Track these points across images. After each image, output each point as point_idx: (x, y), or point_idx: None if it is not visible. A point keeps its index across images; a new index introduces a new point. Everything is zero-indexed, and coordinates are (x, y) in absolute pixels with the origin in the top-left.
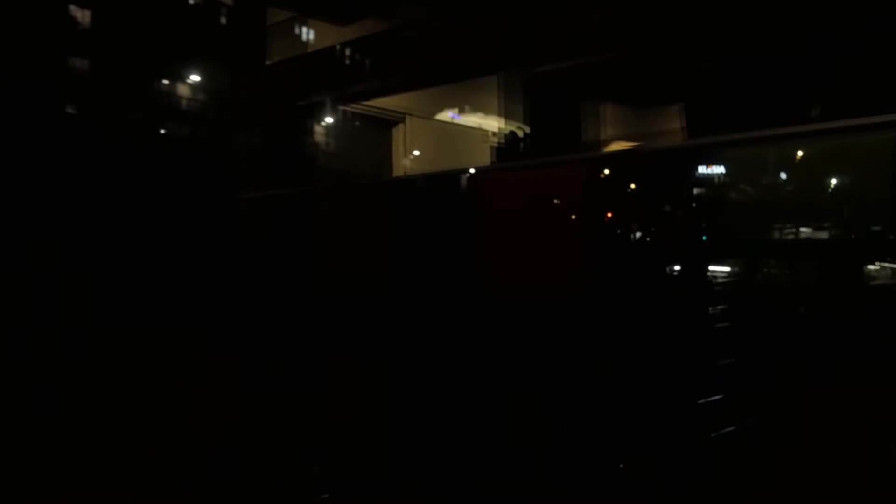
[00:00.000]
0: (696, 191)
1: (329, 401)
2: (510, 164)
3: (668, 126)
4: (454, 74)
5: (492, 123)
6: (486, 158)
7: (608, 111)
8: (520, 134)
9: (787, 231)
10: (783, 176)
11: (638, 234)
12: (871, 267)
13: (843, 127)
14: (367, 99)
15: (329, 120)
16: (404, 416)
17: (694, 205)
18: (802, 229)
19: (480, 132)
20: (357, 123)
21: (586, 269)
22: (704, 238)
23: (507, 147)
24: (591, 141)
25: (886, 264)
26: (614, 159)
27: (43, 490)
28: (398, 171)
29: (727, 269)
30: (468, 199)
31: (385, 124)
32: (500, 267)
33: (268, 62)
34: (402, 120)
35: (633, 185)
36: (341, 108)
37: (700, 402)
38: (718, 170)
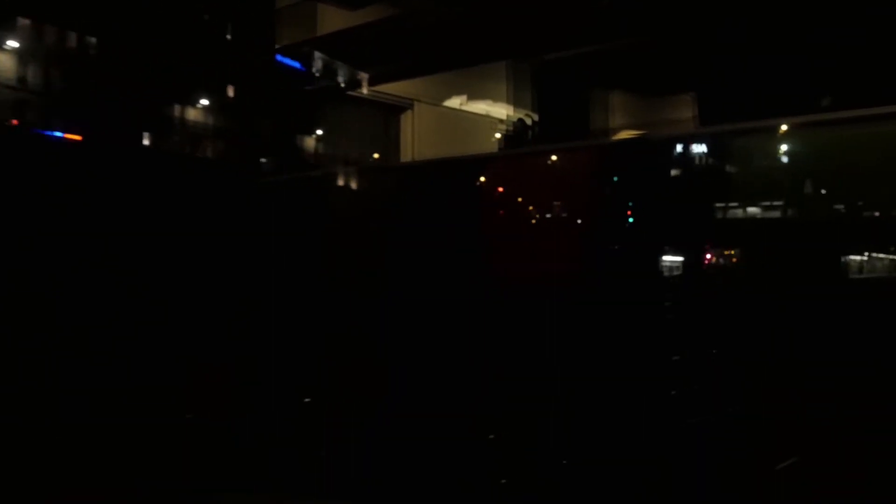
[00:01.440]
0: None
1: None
2: (518, 151)
3: (678, 115)
4: (463, 61)
5: (500, 111)
6: (493, 146)
7: (617, 99)
8: (528, 122)
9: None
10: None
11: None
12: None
13: (852, 117)
14: (376, 84)
15: (337, 105)
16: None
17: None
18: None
19: (489, 119)
20: (365, 109)
21: (593, 257)
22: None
23: (515, 134)
24: (600, 129)
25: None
26: (623, 147)
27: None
28: (406, 157)
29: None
30: (475, 185)
31: (393, 110)
32: (506, 253)
33: (277, 46)
34: (411, 106)
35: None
36: (350, 93)
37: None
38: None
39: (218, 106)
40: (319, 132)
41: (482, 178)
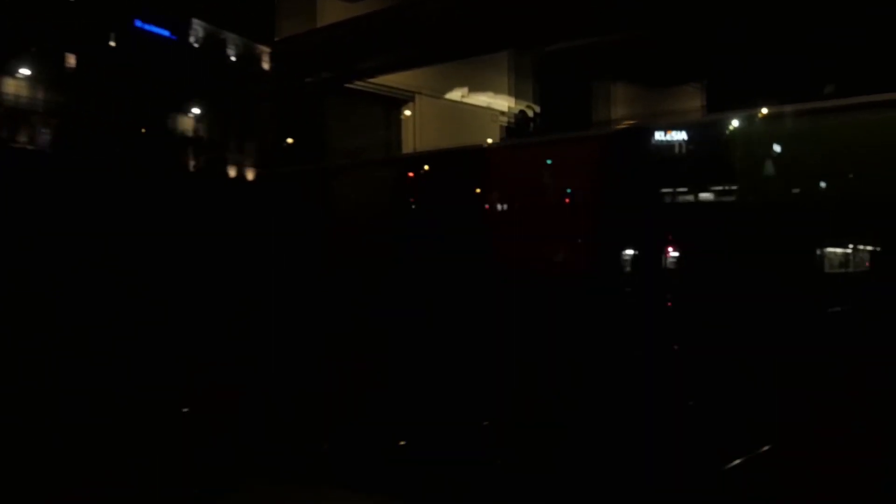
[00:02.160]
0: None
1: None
2: (520, 141)
3: (681, 105)
4: (464, 51)
5: (501, 102)
6: (495, 138)
7: (619, 90)
8: (530, 113)
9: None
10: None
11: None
12: None
13: (857, 104)
14: (376, 76)
15: (338, 97)
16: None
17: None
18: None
19: (490, 111)
20: (366, 101)
21: (596, 245)
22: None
23: (516, 126)
24: (602, 120)
25: None
26: (623, 136)
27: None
28: (407, 150)
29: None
30: (477, 175)
31: (394, 103)
32: (509, 241)
33: (276, 38)
34: (412, 98)
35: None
36: (349, 85)
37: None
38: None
39: (215, 99)
40: (320, 125)
41: (483, 169)
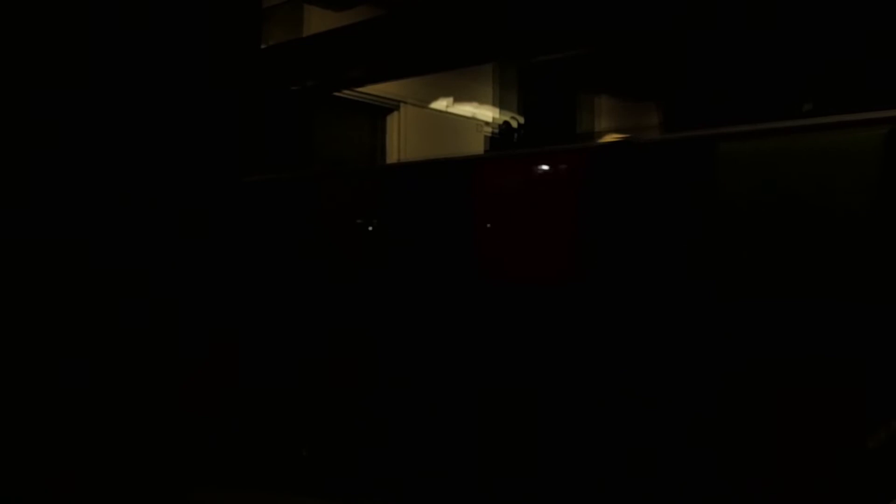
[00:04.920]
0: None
1: (322, 384)
2: (505, 153)
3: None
4: (449, 63)
5: (486, 113)
6: (479, 148)
7: (604, 103)
8: (514, 124)
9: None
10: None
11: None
12: None
13: (832, 123)
14: (362, 85)
15: (323, 106)
16: (393, 403)
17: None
18: None
19: (475, 121)
20: (351, 110)
21: (580, 257)
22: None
23: (501, 137)
24: (587, 132)
25: None
26: (607, 150)
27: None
28: (392, 159)
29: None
30: (462, 186)
31: (379, 112)
32: (493, 253)
33: (263, 46)
34: (397, 108)
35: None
36: (335, 94)
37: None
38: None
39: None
40: (305, 132)
41: (468, 180)
